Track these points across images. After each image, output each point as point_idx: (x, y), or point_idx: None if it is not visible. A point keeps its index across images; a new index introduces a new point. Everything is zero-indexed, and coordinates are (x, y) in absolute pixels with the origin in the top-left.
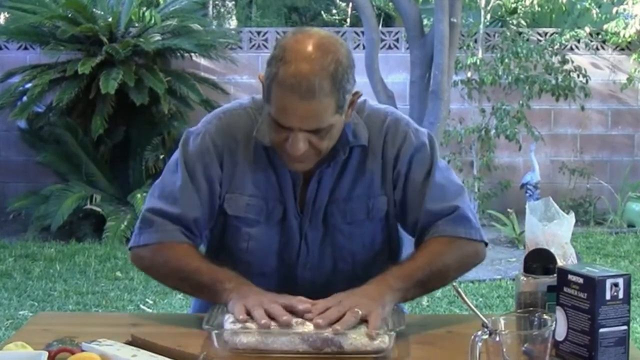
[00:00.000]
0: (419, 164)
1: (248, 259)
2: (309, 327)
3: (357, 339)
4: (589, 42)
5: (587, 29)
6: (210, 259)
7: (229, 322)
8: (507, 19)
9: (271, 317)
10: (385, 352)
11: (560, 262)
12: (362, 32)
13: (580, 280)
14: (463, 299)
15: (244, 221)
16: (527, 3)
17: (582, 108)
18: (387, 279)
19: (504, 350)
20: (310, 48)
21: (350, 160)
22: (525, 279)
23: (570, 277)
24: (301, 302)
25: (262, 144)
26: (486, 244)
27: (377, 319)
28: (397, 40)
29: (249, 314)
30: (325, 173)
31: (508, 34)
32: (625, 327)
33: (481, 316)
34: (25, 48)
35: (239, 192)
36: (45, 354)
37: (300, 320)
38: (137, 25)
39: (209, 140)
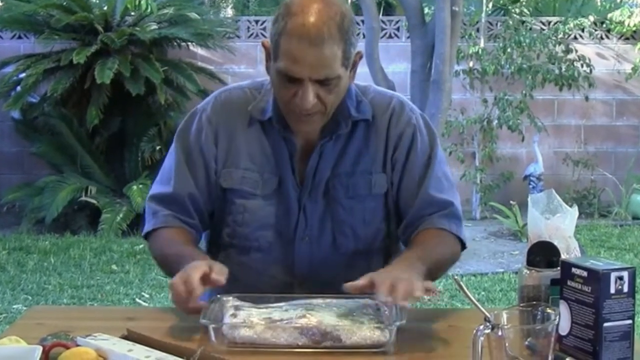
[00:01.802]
0: (418, 150)
1: (245, 233)
2: (308, 320)
3: (357, 332)
4: (593, 31)
5: (591, 18)
6: (213, 237)
7: (227, 315)
8: (510, 7)
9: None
10: (386, 346)
11: (563, 256)
12: (362, 21)
13: (585, 274)
14: (465, 292)
15: (239, 193)
16: None
17: (586, 98)
18: (413, 261)
19: (507, 344)
20: (315, 2)
21: (355, 135)
22: (528, 272)
23: (574, 270)
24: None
25: (257, 119)
26: (464, 248)
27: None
28: (397, 29)
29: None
30: (326, 146)
31: (510, 22)
32: (630, 321)
33: (483, 310)
34: (19, 37)
35: (234, 166)
36: (40, 349)
37: (300, 313)
38: (133, 13)
39: (204, 119)
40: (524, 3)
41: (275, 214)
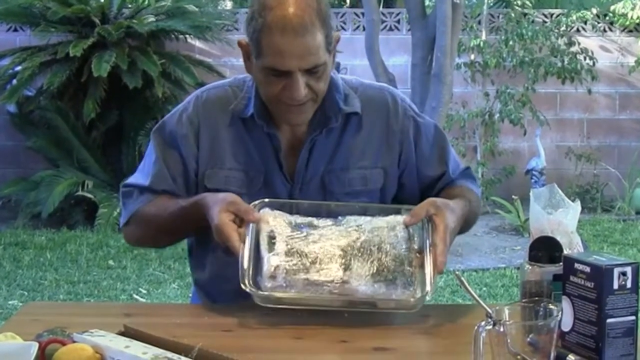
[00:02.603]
0: (425, 136)
1: None
2: (345, 287)
3: (391, 298)
4: (596, 23)
5: (594, 10)
6: (201, 239)
7: (266, 278)
8: None
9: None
10: (416, 307)
11: (566, 251)
12: (362, 14)
13: (587, 269)
14: (466, 288)
15: None
16: None
17: (589, 91)
18: (455, 208)
19: (509, 341)
20: None
21: (347, 129)
22: (530, 267)
23: (576, 265)
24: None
25: (239, 116)
26: None
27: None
28: (398, 21)
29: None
30: (317, 140)
31: (512, 15)
32: (633, 318)
33: (485, 306)
34: (15, 30)
35: (218, 166)
36: (36, 345)
37: (338, 276)
38: (130, 6)
39: (184, 119)
40: None
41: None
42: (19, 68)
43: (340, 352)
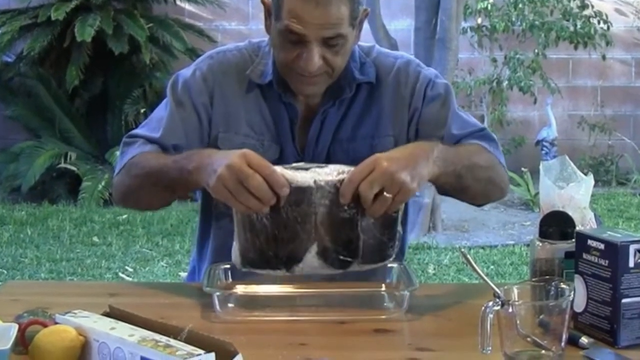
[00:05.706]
0: (434, 97)
1: None
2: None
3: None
4: None
5: None
6: (207, 205)
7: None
8: None
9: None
10: (399, 313)
11: (578, 228)
12: None
13: (601, 246)
14: (472, 266)
15: None
16: None
17: (604, 57)
18: (430, 149)
19: (518, 322)
20: None
21: (357, 99)
22: (540, 244)
23: (590, 242)
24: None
25: (256, 82)
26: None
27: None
28: None
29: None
30: (329, 112)
31: None
32: None
33: (492, 285)
34: None
35: (233, 131)
36: (15, 327)
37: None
38: None
39: (199, 76)
40: None
41: None
42: None
43: (339, 334)
